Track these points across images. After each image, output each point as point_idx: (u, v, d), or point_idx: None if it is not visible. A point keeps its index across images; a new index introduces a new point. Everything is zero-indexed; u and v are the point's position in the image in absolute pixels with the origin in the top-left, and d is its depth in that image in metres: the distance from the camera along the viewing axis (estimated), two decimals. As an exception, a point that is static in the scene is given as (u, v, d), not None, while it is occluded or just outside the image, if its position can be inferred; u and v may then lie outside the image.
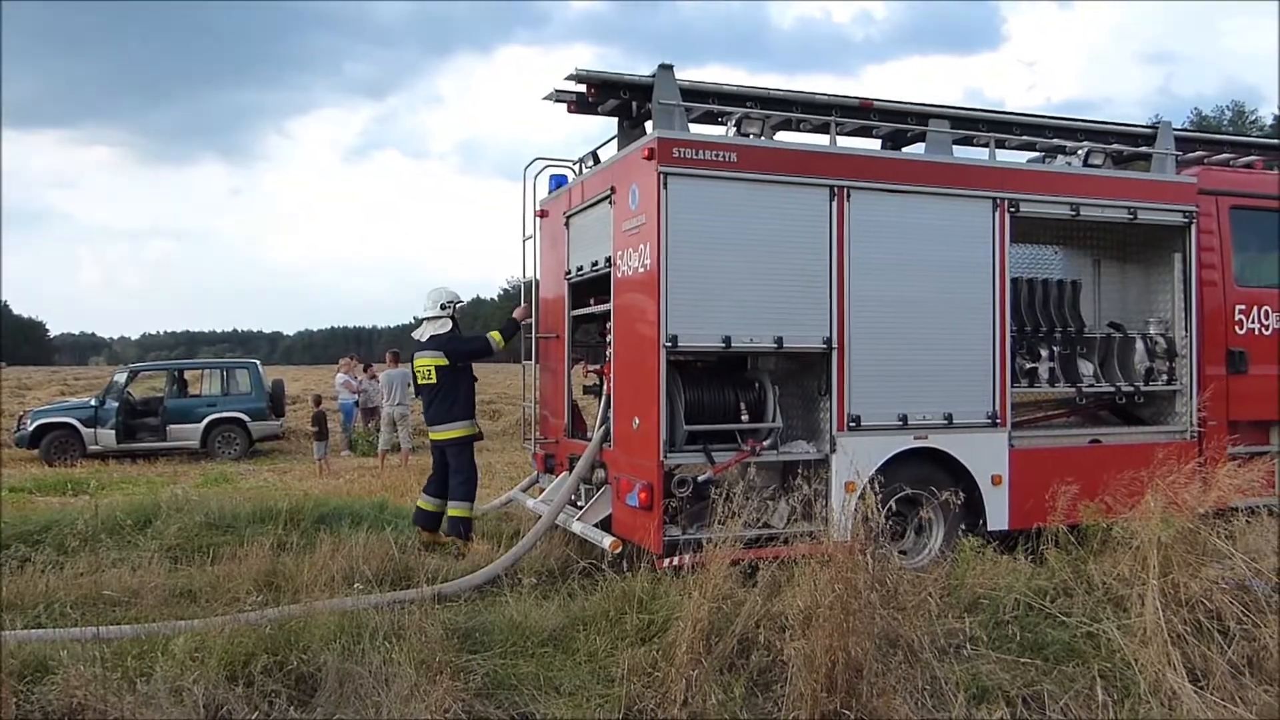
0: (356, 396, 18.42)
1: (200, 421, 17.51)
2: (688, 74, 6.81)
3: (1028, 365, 7.78)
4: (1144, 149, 8.28)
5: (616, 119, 7.55)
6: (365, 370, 20.00)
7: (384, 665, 4.68)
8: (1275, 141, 10.01)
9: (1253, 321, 8.36)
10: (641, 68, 6.76)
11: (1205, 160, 9.05)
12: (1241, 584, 5.39)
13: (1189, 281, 8.07)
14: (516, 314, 8.56)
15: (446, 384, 8.20)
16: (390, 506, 9.38)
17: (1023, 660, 4.99)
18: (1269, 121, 65.35)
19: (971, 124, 7.76)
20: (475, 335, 8.61)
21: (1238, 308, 8.33)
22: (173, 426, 17.45)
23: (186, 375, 19.20)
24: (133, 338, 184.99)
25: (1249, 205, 8.50)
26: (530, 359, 8.70)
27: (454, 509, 8.11)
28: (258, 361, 20.13)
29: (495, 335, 8.35)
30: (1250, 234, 8.57)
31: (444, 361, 8.17)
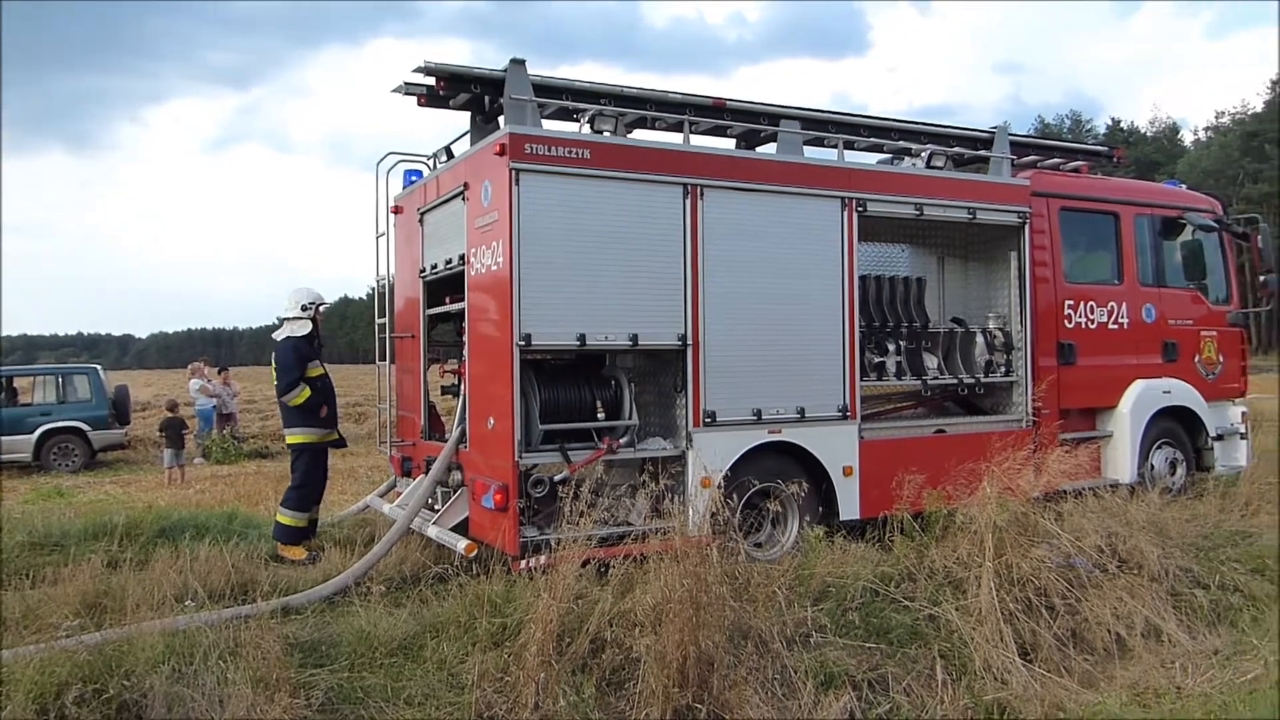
0: (214, 401, 17.53)
1: (32, 432, 16.25)
2: (562, 71, 6.80)
3: (876, 359, 8.06)
4: (982, 152, 8.71)
5: (470, 114, 7.39)
6: (220, 374, 19.05)
7: (218, 686, 4.43)
8: (1101, 148, 10.69)
9: (1080, 316, 8.92)
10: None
11: (1038, 164, 9.60)
12: (1066, 562, 5.73)
13: (1024, 278, 8.53)
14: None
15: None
16: (241, 516, 8.90)
17: (868, 645, 5.15)
18: (1102, 131, 70.72)
19: (821, 125, 7.97)
20: (295, 376, 7.76)
21: (1067, 303, 8.87)
22: (1, 438, 16.12)
23: (16, 383, 17.78)
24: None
25: (1076, 207, 9.06)
26: (385, 360, 8.43)
27: (279, 514, 7.76)
28: (98, 366, 18.83)
29: (304, 396, 7.75)
30: (1078, 234, 9.15)
31: None
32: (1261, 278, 10.02)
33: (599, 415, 6.75)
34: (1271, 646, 5.14)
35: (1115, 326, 9.11)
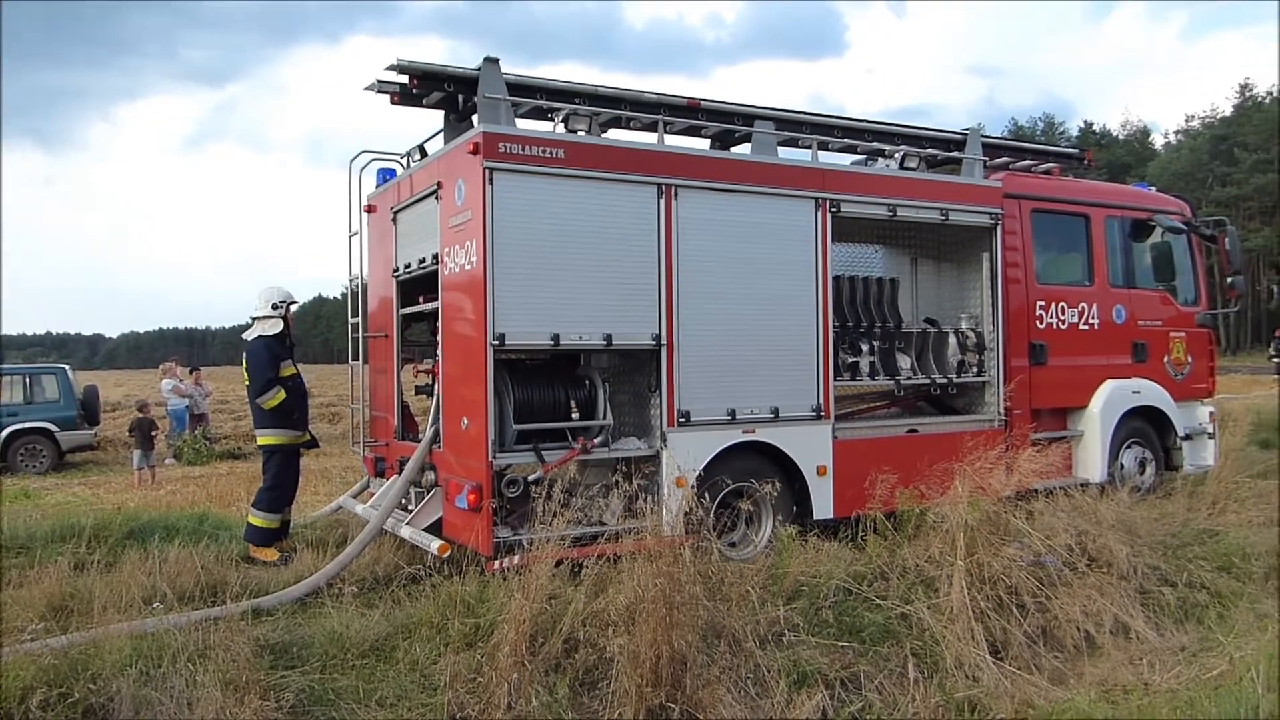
0: (186, 401, 17.33)
1: (-2, 433, 16.00)
2: (540, 71, 6.76)
3: (849, 359, 8.09)
4: (955, 154, 8.77)
5: (444, 113, 7.34)
6: (191, 374, 18.85)
7: (187, 688, 4.39)
8: (1072, 151, 10.80)
9: (1051, 316, 9.00)
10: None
11: (1010, 166, 9.68)
12: (1037, 560, 5.78)
13: (995, 279, 8.60)
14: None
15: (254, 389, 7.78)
16: (212, 518, 8.81)
17: (841, 644, 5.17)
18: (1075, 133, 71.62)
19: (795, 126, 8.00)
20: (270, 376, 7.66)
21: (1038, 304, 8.95)
22: (-34, 440, 15.84)
23: (-18, 383, 17.48)
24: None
25: (1048, 209, 9.15)
26: (359, 360, 8.37)
27: (251, 515, 7.67)
28: (66, 367, 18.55)
29: (279, 398, 7.64)
30: (1049, 235, 9.24)
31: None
32: (1229, 279, 10.17)
33: (573, 415, 6.75)
34: (1237, 643, 5.20)
35: (1086, 327, 9.20)
